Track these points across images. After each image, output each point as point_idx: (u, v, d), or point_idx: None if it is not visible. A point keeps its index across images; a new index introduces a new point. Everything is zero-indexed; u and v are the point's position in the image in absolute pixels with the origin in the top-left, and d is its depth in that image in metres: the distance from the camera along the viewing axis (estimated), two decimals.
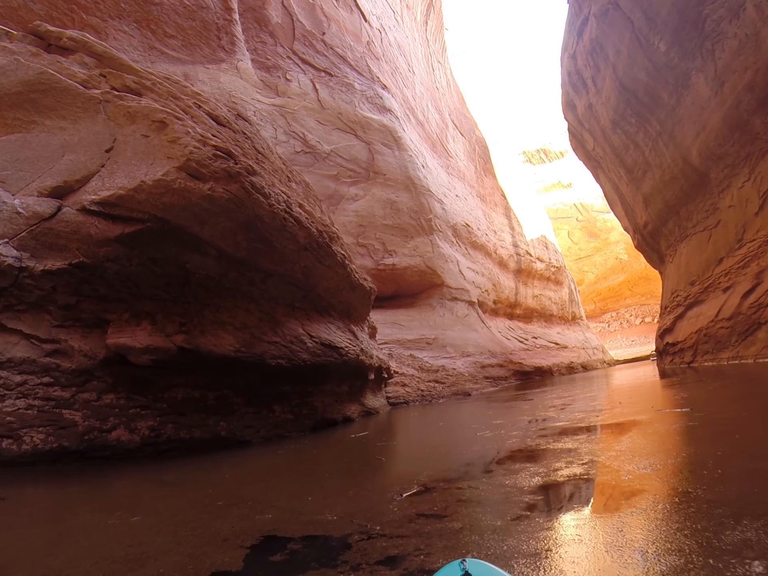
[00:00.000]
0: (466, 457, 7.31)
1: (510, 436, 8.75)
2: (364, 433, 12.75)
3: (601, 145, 33.74)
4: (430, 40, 51.03)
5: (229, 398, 12.02)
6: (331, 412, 15.05)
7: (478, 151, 52.61)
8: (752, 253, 21.00)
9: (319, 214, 14.40)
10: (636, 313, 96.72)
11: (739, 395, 11.27)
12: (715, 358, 23.20)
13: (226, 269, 11.23)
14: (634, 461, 5.58)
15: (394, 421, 16.81)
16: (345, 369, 15.68)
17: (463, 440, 9.69)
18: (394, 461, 8.20)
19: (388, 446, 10.02)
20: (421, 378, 26.84)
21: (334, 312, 16.59)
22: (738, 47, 19.42)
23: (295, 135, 30.73)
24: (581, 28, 30.25)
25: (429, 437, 11.19)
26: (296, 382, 13.58)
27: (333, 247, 14.77)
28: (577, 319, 61.70)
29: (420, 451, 9.00)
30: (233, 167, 10.12)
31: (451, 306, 36.18)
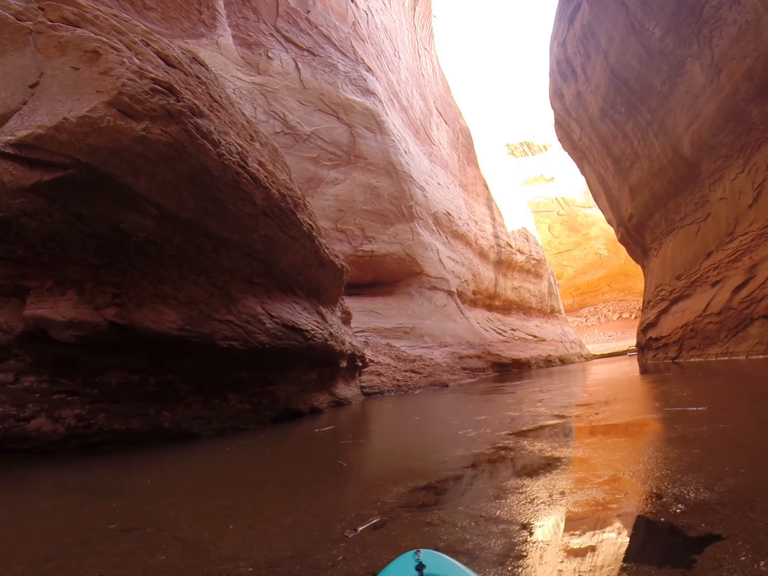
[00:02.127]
0: (447, 467, 5.71)
1: (499, 438, 7.20)
2: (330, 427, 11.15)
3: (588, 134, 32.53)
4: (418, 27, 49.66)
5: (175, 384, 10.40)
6: (295, 403, 13.47)
7: (462, 140, 51.42)
8: (744, 247, 20.01)
9: (283, 176, 12.64)
10: (614, 308, 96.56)
11: (750, 393, 9.84)
12: (702, 353, 22.18)
13: (169, 233, 9.52)
14: (686, 485, 4.09)
15: (367, 413, 15.24)
16: (312, 355, 14.04)
17: (443, 441, 8.13)
18: (357, 468, 6.62)
19: (354, 446, 8.43)
20: (398, 367, 25.67)
21: (300, 291, 14.87)
22: (737, 34, 18.36)
23: (275, 115, 29.44)
24: (573, 14, 29.00)
25: (403, 435, 9.60)
26: (255, 368, 11.92)
27: (298, 215, 13.08)
28: (555, 312, 61.16)
29: (391, 454, 7.41)
30: (174, 105, 8.44)
31: (429, 295, 35.21)
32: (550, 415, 9.41)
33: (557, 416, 9.24)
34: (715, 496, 3.67)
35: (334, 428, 11.05)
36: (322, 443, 9.03)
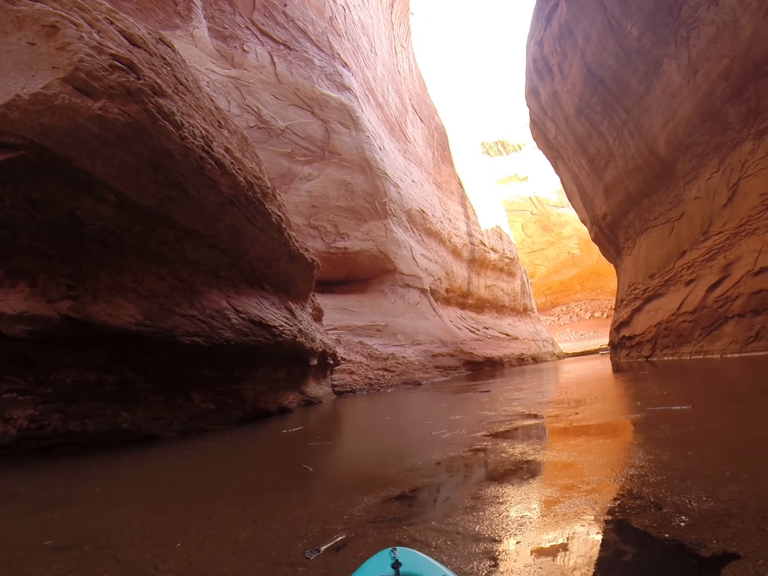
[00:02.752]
0: (422, 473, 5.26)
1: (476, 440, 6.79)
2: (298, 428, 10.63)
3: (564, 133, 32.43)
4: (395, 24, 49.28)
5: (135, 383, 9.75)
6: (264, 402, 12.91)
7: (437, 138, 51.17)
8: (719, 246, 20.02)
9: (251, 165, 12.04)
10: (586, 307, 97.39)
11: (732, 392, 9.51)
12: (676, 352, 22.13)
13: (129, 221, 8.92)
14: (686, 493, 3.66)
15: (337, 413, 14.74)
16: (280, 352, 13.50)
17: (416, 443, 7.69)
18: (324, 474, 6.13)
19: (323, 448, 7.97)
20: (370, 366, 25.28)
21: (268, 285, 14.28)
22: (715, 34, 18.37)
23: (250, 109, 28.94)
24: (550, 13, 28.87)
25: (375, 436, 9.10)
26: (220, 366, 11.35)
27: (267, 205, 12.50)
28: (528, 311, 61.28)
29: (361, 458, 6.93)
30: (134, 83, 7.84)
31: (403, 293, 34.86)
32: (528, 415, 9.02)
33: (535, 416, 8.86)
34: (720, 506, 3.29)
35: (302, 429, 10.54)
36: (289, 445, 8.53)
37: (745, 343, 17.30)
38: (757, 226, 17.81)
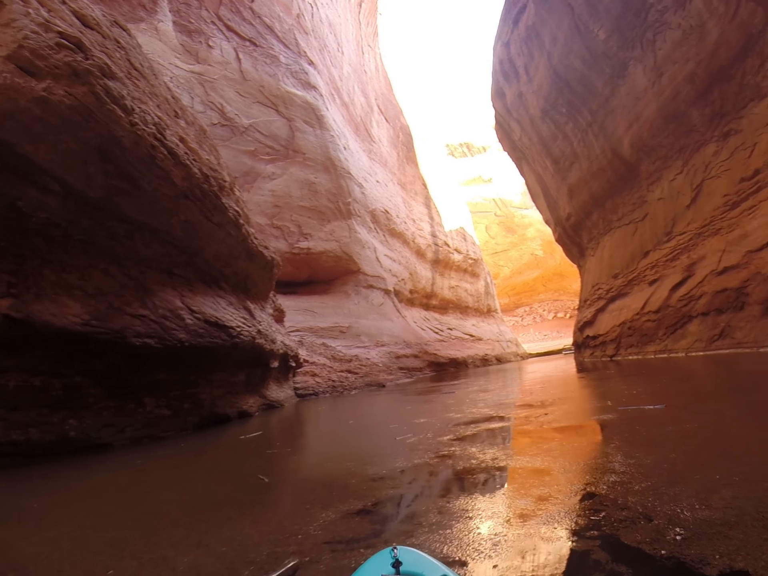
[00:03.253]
0: (385, 483, 4.84)
1: (443, 445, 6.43)
2: (257, 433, 10.13)
3: (529, 134, 32.46)
4: (363, 23, 48.94)
5: (84, 388, 9.07)
6: (222, 407, 12.35)
7: (402, 139, 50.92)
8: (682, 246, 20.22)
9: (207, 156, 11.50)
10: (549, 308, 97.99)
11: (704, 390, 9.31)
12: (640, 351, 22.23)
13: (75, 214, 8.30)
14: (677, 501, 3.35)
15: (299, 417, 14.20)
16: (238, 354, 12.93)
17: (380, 449, 7.30)
18: (280, 486, 5.67)
19: (281, 456, 7.50)
20: (333, 368, 24.88)
21: (226, 284, 13.71)
22: (681, 38, 18.58)
23: (213, 106, 28.40)
24: (518, 15, 28.82)
25: (336, 442, 8.64)
26: (175, 369, 10.76)
27: (223, 199, 11.95)
28: (492, 311, 61.43)
29: (321, 467, 6.46)
30: (82, 63, 7.27)
31: (366, 294, 34.52)
32: (496, 417, 8.70)
33: (503, 418, 8.54)
34: (716, 514, 2.99)
35: (261, 434, 10.04)
36: (246, 453, 8.04)
37: (709, 342, 17.39)
38: (720, 227, 17.96)
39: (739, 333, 15.97)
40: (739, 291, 16.24)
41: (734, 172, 17.60)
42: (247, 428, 11.05)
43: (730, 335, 16.42)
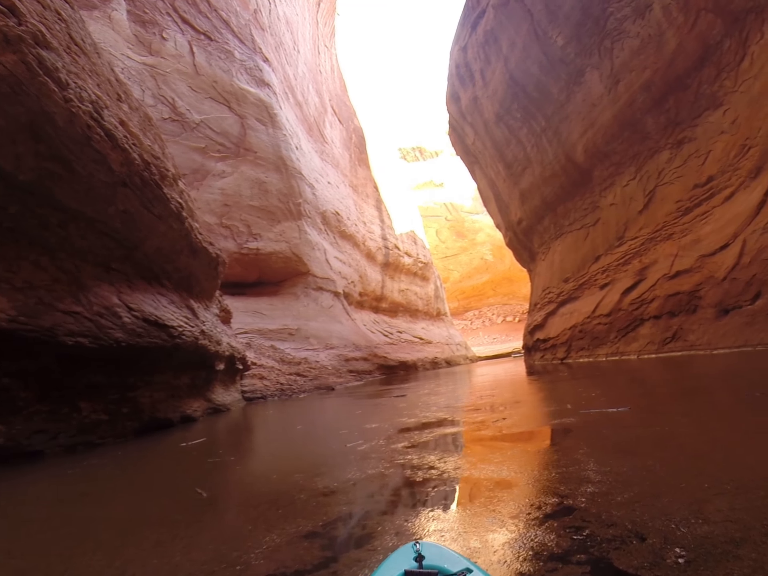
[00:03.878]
0: (337, 499, 4.28)
1: (398, 453, 5.98)
2: (200, 440, 9.45)
3: (482, 139, 32.43)
4: (320, 23, 48.53)
5: (12, 391, 8.26)
6: (164, 411, 11.60)
7: (355, 141, 50.58)
8: (634, 251, 20.46)
9: (149, 142, 10.77)
10: (498, 312, 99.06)
11: (665, 391, 9.09)
12: (591, 354, 22.37)
13: (4, 198, 7.56)
14: (668, 515, 2.94)
15: (246, 421, 13.54)
16: (180, 356, 12.19)
17: (329, 457, 6.75)
18: (220, 501, 4.99)
19: (223, 466, 6.84)
20: (282, 371, 24.34)
21: (167, 282, 12.90)
22: (639, 46, 18.79)
23: (164, 100, 27.74)
24: (477, 20, 28.75)
25: (283, 450, 8.02)
26: (112, 371, 10.00)
27: (165, 189, 11.20)
28: (441, 315, 61.61)
29: (266, 477, 5.77)
30: (13, 29, 6.58)
31: (316, 296, 34.19)
32: (451, 421, 8.32)
33: (459, 422, 8.16)
34: (717, 530, 2.62)
35: (205, 441, 9.36)
36: (186, 462, 7.39)
37: (662, 344, 17.52)
38: (673, 231, 18.18)
39: (692, 335, 16.10)
40: (691, 294, 16.40)
41: (687, 179, 17.83)
42: (191, 434, 10.38)
43: (682, 338, 16.55)
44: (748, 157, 15.10)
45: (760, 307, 13.28)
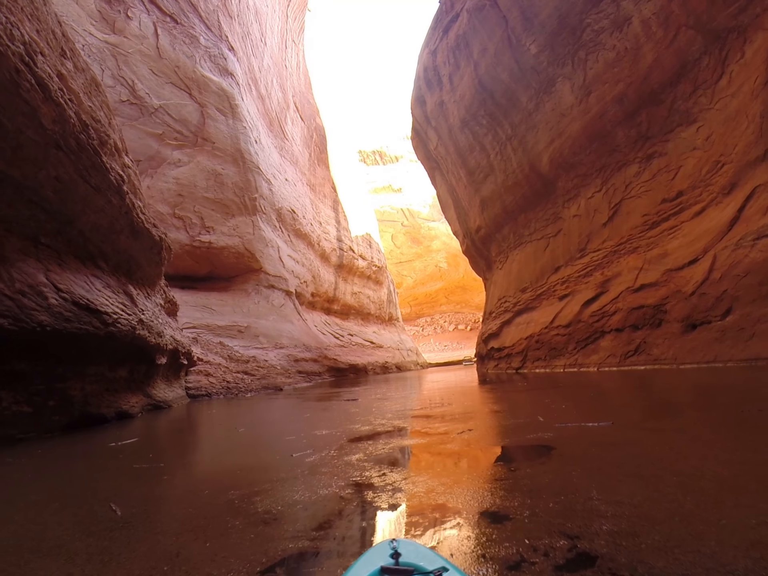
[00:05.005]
0: (281, 530, 3.08)
1: (353, 467, 4.99)
2: (132, 440, 8.32)
3: (446, 144, 31.87)
4: (290, 18, 47.59)
5: None
6: (97, 405, 10.36)
7: (316, 140, 49.66)
8: (596, 263, 20.11)
9: (90, 104, 9.52)
10: (450, 319, 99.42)
11: (642, 405, 8.21)
12: (548, 364, 21.87)
13: None
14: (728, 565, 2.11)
15: (185, 421, 12.25)
16: (115, 346, 10.90)
17: (273, 468, 5.57)
18: (135, 521, 3.74)
19: (150, 474, 5.59)
20: (229, 368, 23.31)
21: (104, 263, 11.60)
22: (614, 59, 18.57)
23: (124, 81, 26.55)
24: (449, 24, 28.22)
25: (221, 457, 6.90)
26: (38, 359, 8.74)
27: (105, 158, 9.96)
28: (393, 320, 61.12)
29: (194, 494, 4.58)
30: None
31: (267, 294, 33.40)
32: (410, 431, 7.41)
33: (419, 433, 7.19)
34: None
35: (137, 441, 8.24)
36: (110, 467, 6.25)
37: (623, 357, 17.09)
38: (638, 245, 17.89)
39: (656, 350, 15.70)
40: (656, 308, 16.04)
41: (656, 193, 17.58)
42: (124, 433, 9.27)
43: (646, 351, 16.15)
44: (722, 173, 14.87)
45: (731, 323, 12.91)
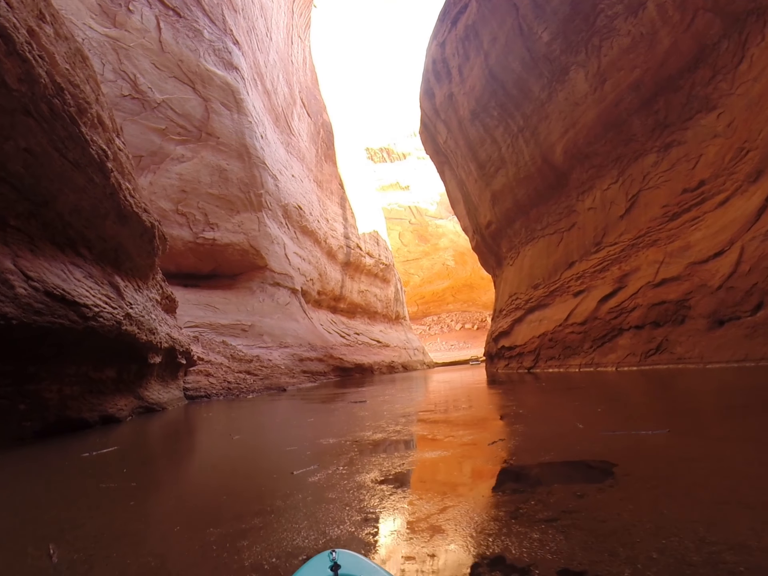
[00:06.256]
0: None
1: (367, 492, 4.02)
2: (111, 449, 7.42)
3: (455, 137, 30.89)
4: (296, 13, 47.00)
5: None
6: (77, 409, 9.45)
7: (323, 136, 48.86)
8: (613, 257, 19.12)
9: (65, 65, 8.49)
10: (457, 318, 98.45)
11: (686, 408, 6.81)
12: (562, 364, 20.81)
13: None
14: None
15: (177, 426, 11.42)
16: (98, 342, 9.93)
17: (267, 492, 4.43)
18: (76, 568, 2.81)
19: (115, 498, 4.57)
20: (231, 368, 22.53)
21: (87, 251, 10.55)
22: (629, 45, 17.73)
23: (125, 76, 25.81)
24: (458, 15, 27.34)
25: (208, 471, 5.95)
26: (5, 357, 7.80)
27: (84, 128, 8.95)
28: (400, 319, 60.27)
29: (162, 532, 3.53)
30: None
31: (272, 292, 32.63)
32: (431, 440, 6.34)
33: (443, 443, 6.04)
34: None
35: (115, 451, 7.31)
36: (69, 487, 5.20)
37: (644, 356, 16.04)
38: (658, 238, 16.92)
39: (679, 348, 14.64)
40: (679, 304, 15.02)
41: (675, 183, 16.62)
42: (105, 440, 8.36)
43: (668, 350, 15.11)
44: (746, 160, 13.87)
45: (763, 319, 11.89)
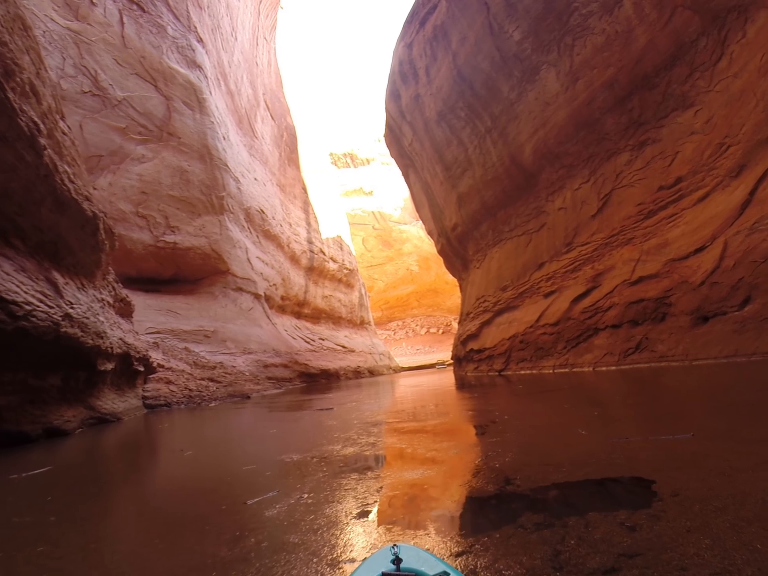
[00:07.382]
0: None
1: (338, 529, 3.18)
2: (45, 468, 6.36)
3: (421, 139, 30.36)
4: (262, 14, 46.28)
5: None
6: (15, 422, 8.34)
7: (286, 139, 47.96)
8: (585, 257, 18.85)
9: None
10: (422, 323, 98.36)
11: (698, 409, 6.36)
12: (535, 366, 20.34)
13: None
14: None
15: (127, 440, 10.20)
16: (35, 346, 8.80)
17: (207, 538, 3.31)
18: None
19: (26, 534, 3.61)
20: (193, 375, 21.49)
21: (19, 242, 9.38)
22: (604, 43, 17.62)
23: (86, 71, 24.66)
24: (426, 16, 26.91)
25: (142, 502, 4.71)
26: None
27: (10, 94, 7.79)
28: (365, 324, 59.63)
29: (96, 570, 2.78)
30: None
31: (235, 297, 31.55)
32: (411, 456, 5.44)
33: (425, 459, 5.20)
34: None
35: (48, 472, 6.18)
36: None
37: (623, 355, 15.61)
38: (633, 236, 16.68)
39: (661, 345, 14.25)
40: (659, 301, 14.69)
41: (651, 181, 16.41)
42: (43, 457, 7.30)
43: (649, 348, 14.71)
44: (727, 156, 13.68)
45: (753, 313, 11.56)
